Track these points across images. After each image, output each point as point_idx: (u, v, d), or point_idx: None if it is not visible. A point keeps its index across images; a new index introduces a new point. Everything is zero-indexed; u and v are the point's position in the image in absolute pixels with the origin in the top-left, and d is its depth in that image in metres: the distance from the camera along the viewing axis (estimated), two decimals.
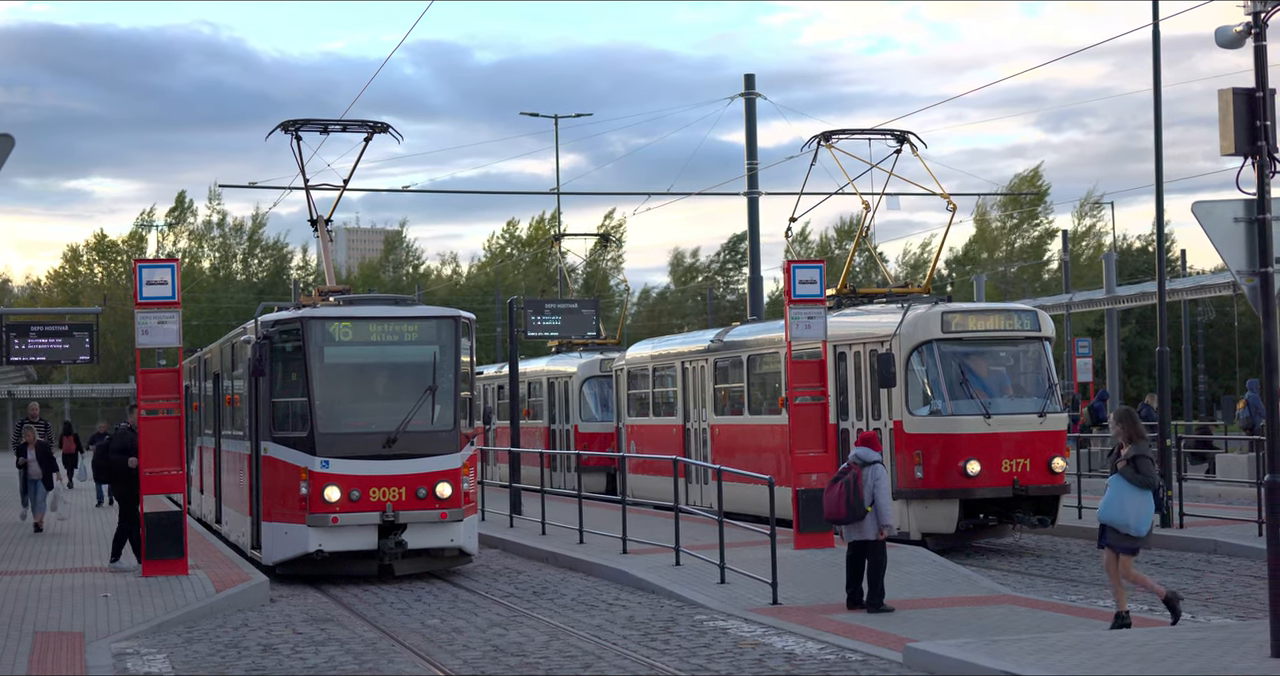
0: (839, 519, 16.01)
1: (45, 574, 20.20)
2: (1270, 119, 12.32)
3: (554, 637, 15.02)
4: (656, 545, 20.11)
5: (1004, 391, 21.83)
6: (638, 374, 31.10)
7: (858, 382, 22.27)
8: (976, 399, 21.09)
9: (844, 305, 24.38)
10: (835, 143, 25.45)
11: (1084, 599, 17.02)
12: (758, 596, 16.59)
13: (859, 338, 22.33)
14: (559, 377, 35.81)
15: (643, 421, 30.63)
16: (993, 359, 22.03)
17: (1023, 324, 22.05)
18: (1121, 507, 13.78)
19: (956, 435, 20.97)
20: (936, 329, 21.26)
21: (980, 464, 20.60)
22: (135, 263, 20.55)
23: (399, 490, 19.49)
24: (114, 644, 14.82)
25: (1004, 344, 22.17)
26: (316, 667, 13.58)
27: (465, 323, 20.79)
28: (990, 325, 21.97)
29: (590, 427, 33.94)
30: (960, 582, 17.63)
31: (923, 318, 21.38)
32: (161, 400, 19.78)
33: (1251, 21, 12.58)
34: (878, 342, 21.55)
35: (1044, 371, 22.09)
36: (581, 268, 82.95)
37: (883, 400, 21.49)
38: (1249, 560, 19.30)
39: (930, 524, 20.97)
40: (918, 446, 20.95)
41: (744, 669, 12.93)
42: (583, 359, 35.27)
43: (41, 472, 25.88)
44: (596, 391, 34.34)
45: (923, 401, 21.26)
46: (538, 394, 37.21)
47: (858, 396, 22.25)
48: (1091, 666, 11.77)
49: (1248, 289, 12.66)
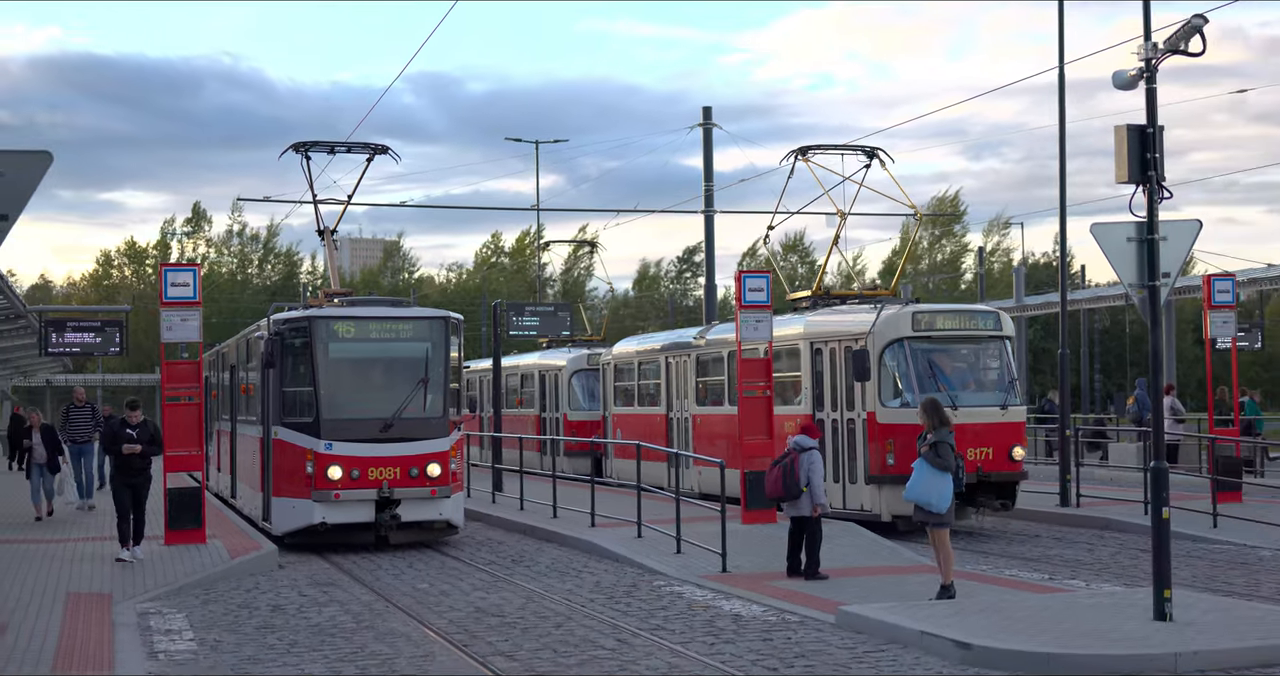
0: (778, 497, 16.08)
1: (77, 542, 20.08)
2: (1159, 152, 12.43)
3: (530, 600, 15.02)
4: (622, 520, 20.12)
5: (969, 385, 21.07)
6: (623, 368, 30.48)
7: (833, 376, 21.53)
8: (944, 392, 20.10)
9: (819, 306, 23.91)
10: (811, 157, 24.89)
11: (1003, 570, 17.07)
12: (709, 565, 16.61)
13: (834, 335, 21.66)
14: (549, 370, 35.30)
15: (628, 411, 29.90)
16: (958, 355, 21.37)
17: (985, 324, 21.43)
18: (925, 488, 13.88)
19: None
20: (907, 327, 20.58)
21: None
22: (161, 267, 20.48)
23: (394, 470, 19.50)
24: (138, 604, 14.78)
25: (968, 342, 21.43)
26: (319, 626, 13.55)
27: (454, 322, 20.80)
28: (956, 324, 21.34)
29: (578, 416, 33.42)
30: (887, 554, 17.68)
31: (895, 317, 20.74)
32: (184, 389, 19.74)
33: (1144, 67, 12.68)
34: (852, 340, 20.91)
35: (1005, 367, 21.46)
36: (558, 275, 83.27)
37: (857, 393, 20.76)
38: (1136, 535, 19.39)
39: (900, 507, 19.37)
40: (889, 436, 20.18)
41: (696, 628, 12.93)
42: (571, 354, 34.79)
43: (47, 456, 23.42)
44: (583, 383, 33.78)
45: (894, 394, 20.47)
46: (530, 385, 36.73)
47: (833, 389, 21.49)
48: (999, 626, 11.85)
49: (1138, 300, 12.77)
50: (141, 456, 17.30)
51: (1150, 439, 13.67)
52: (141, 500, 17.29)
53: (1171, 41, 12.63)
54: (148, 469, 17.55)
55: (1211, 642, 11.15)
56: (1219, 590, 14.95)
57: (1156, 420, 12.90)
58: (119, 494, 17.38)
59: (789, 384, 22.70)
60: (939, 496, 13.89)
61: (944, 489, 13.91)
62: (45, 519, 22.95)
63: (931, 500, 13.90)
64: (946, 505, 13.95)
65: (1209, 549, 18.84)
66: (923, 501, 13.95)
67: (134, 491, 17.18)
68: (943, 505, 13.91)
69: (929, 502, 13.91)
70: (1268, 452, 31.04)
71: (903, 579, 15.56)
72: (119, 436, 17.33)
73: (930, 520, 14.04)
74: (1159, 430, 12.87)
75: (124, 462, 17.34)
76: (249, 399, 23.16)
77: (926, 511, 13.99)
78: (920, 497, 13.97)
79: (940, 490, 13.90)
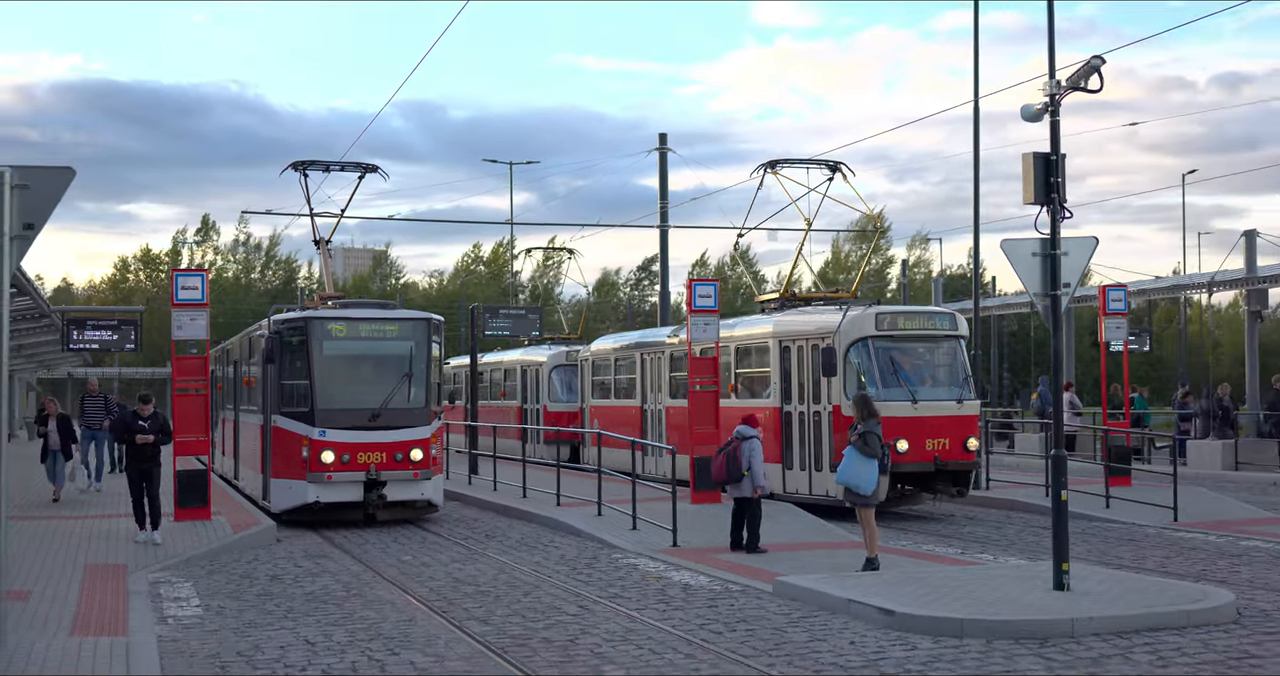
0: (722, 480, 16.12)
1: (94, 519, 19.92)
2: (1061, 177, 12.52)
3: (502, 571, 15.00)
4: (584, 500, 20.08)
5: (927, 381, 20.25)
6: (601, 363, 29.59)
7: (800, 372, 20.70)
8: (904, 387, 19.69)
9: (786, 307, 23.19)
10: (780, 170, 23.79)
11: (922, 546, 17.11)
12: (661, 540, 16.62)
13: (802, 334, 20.84)
14: (531, 366, 34.49)
15: (605, 403, 28.99)
16: (917, 353, 20.48)
17: (942, 324, 20.61)
18: (853, 473, 13.96)
19: (888, 417, 18.81)
20: (871, 327, 19.76)
21: (908, 442, 18.98)
22: (172, 272, 20.45)
23: (381, 454, 19.44)
24: (150, 574, 14.71)
25: (927, 341, 20.52)
26: (313, 594, 13.49)
27: (435, 323, 20.78)
28: (916, 325, 20.48)
29: (557, 407, 32.51)
30: (819, 531, 17.72)
31: (859, 317, 19.94)
32: (193, 381, 19.67)
33: (1048, 102, 12.78)
34: (819, 338, 20.19)
35: (960, 364, 20.59)
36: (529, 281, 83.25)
37: (823, 387, 19.98)
38: (1038, 515, 19.49)
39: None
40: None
41: (650, 596, 12.95)
42: (551, 350, 33.96)
43: (61, 443, 22.66)
44: (562, 377, 32.87)
45: (858, 388, 19.30)
46: (512, 379, 35.91)
47: (800, 384, 20.67)
48: (918, 595, 11.89)
49: (1042, 307, 12.86)
50: (153, 445, 16.95)
51: (1051, 430, 13.78)
52: (154, 485, 16.92)
53: (1073, 79, 12.74)
54: (158, 456, 17.16)
55: (1104, 609, 11.23)
56: (1111, 563, 15.07)
57: (1057, 414, 13.02)
58: (134, 482, 17.08)
59: (758, 379, 22.16)
60: (865, 480, 13.97)
61: (870, 473, 13.99)
62: (58, 501, 22.43)
63: (859, 483, 13.97)
64: (872, 488, 14.02)
65: (1102, 527, 19.01)
66: (851, 484, 14.02)
67: (145, 477, 16.89)
68: (869, 488, 13.97)
69: (857, 485, 13.98)
70: (1154, 442, 31.34)
71: (833, 553, 15.61)
72: (131, 427, 16.99)
73: (858, 501, 14.12)
74: (1059, 422, 13.00)
75: (136, 451, 17.03)
76: (251, 390, 23.04)
77: (855, 493, 14.06)
78: (849, 481, 14.04)
79: (867, 475, 13.97)
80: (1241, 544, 16.96)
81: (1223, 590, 12.39)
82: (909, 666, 9.66)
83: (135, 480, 16.99)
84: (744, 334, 22.51)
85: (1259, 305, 34.23)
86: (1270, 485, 26.54)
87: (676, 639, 10.77)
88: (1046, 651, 10.13)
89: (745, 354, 22.23)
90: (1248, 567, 14.79)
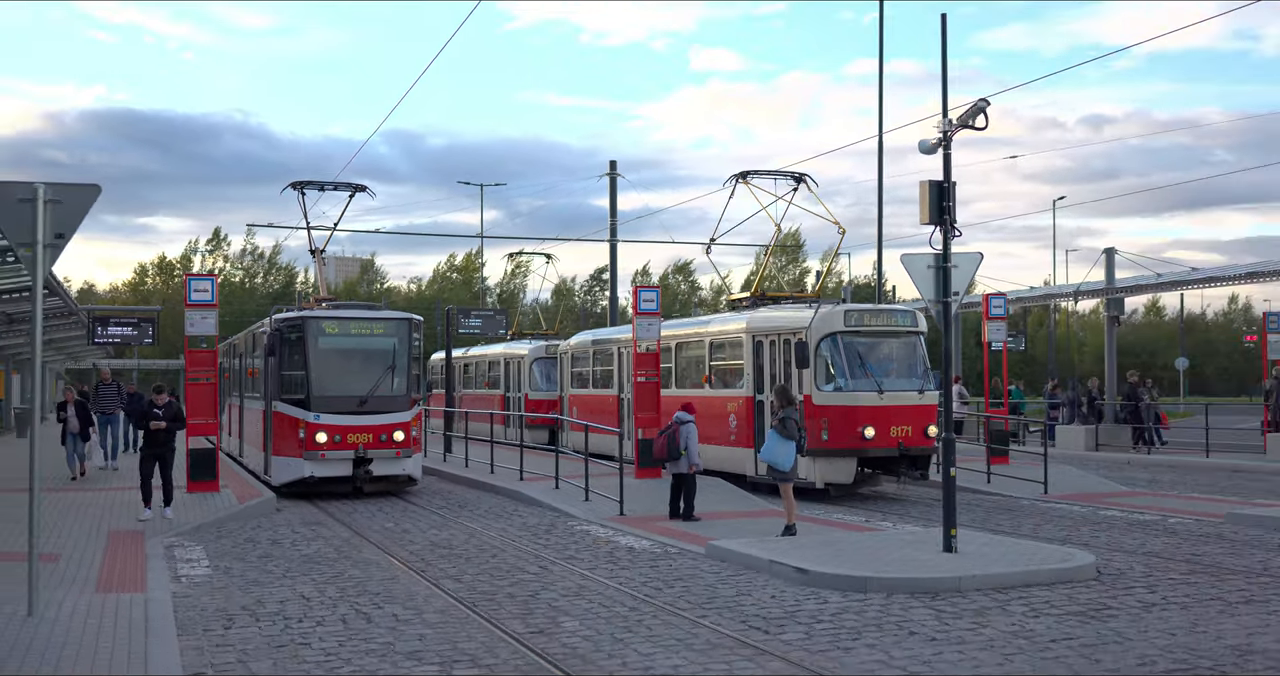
0: (663, 459, 16.14)
1: (115, 491, 19.65)
2: (952, 201, 12.61)
3: (472, 536, 14.95)
4: (544, 475, 20.03)
5: (891, 373, 18.95)
6: (580, 356, 27.95)
7: (772, 365, 19.54)
8: (871, 378, 18.52)
9: (758, 305, 21.91)
10: (750, 180, 22.68)
11: (832, 515, 17.09)
12: (610, 510, 16.62)
13: (775, 329, 19.60)
14: (514, 358, 33.50)
15: (583, 392, 27.43)
16: (882, 348, 19.15)
17: (904, 321, 19.38)
18: (775, 452, 14.03)
19: (856, 407, 18.33)
20: (840, 323, 18.64)
21: (875, 429, 18.10)
22: (186, 276, 20.23)
23: (368, 435, 19.32)
24: (165, 539, 14.54)
25: (891, 336, 19.22)
26: (309, 556, 13.39)
27: (415, 322, 20.67)
28: (881, 322, 19.17)
29: (537, 396, 31.47)
30: (746, 502, 17.76)
31: (830, 314, 18.83)
32: (203, 371, 19.44)
33: (942, 137, 12.88)
34: (791, 333, 19.05)
35: (920, 358, 19.35)
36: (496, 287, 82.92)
37: (794, 379, 18.81)
38: (931, 489, 19.66)
39: (832, 476, 18.47)
40: (824, 415, 18.32)
41: (600, 558, 12.95)
42: (532, 344, 32.95)
43: (79, 427, 21.77)
44: (542, 369, 31.74)
45: (827, 380, 18.55)
46: (496, 370, 34.91)
47: (772, 375, 19.47)
48: (828, 556, 11.95)
49: (935, 312, 12.96)
50: (166, 431, 16.43)
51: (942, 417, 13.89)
52: (168, 467, 16.38)
53: (963, 118, 12.85)
54: (171, 441, 16.63)
55: (985, 568, 11.34)
56: (991, 529, 15.20)
57: (946, 402, 13.14)
58: (145, 463, 16.39)
59: (731, 370, 20.98)
60: (784, 458, 14.04)
61: (789, 453, 14.06)
62: (79, 478, 21.74)
63: (779, 461, 14.04)
64: (790, 465, 14.08)
65: (984, 499, 19.19)
66: (773, 462, 14.08)
67: (160, 460, 16.29)
68: (787, 465, 14.04)
69: (777, 463, 14.04)
70: (1028, 427, 31.72)
71: (757, 521, 15.64)
72: (147, 414, 16.46)
73: (778, 477, 14.17)
74: (949, 410, 13.11)
75: (151, 436, 16.47)
76: (254, 380, 22.83)
77: (775, 470, 14.11)
78: (771, 459, 14.10)
79: (785, 454, 14.05)
80: (1101, 513, 17.17)
81: (1085, 552, 12.56)
82: (821, 616, 9.72)
83: (147, 461, 16.40)
84: (718, 330, 21.58)
85: (1116, 311, 34.68)
86: (1125, 463, 26.92)
87: (623, 594, 10.79)
88: (937, 604, 10.23)
89: (719, 348, 21.32)
90: (1106, 533, 14.98)
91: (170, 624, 9.25)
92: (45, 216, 9.66)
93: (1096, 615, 9.75)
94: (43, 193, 9.66)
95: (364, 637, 9.08)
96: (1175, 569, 12.07)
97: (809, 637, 8.97)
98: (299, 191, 23.36)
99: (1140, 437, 30.01)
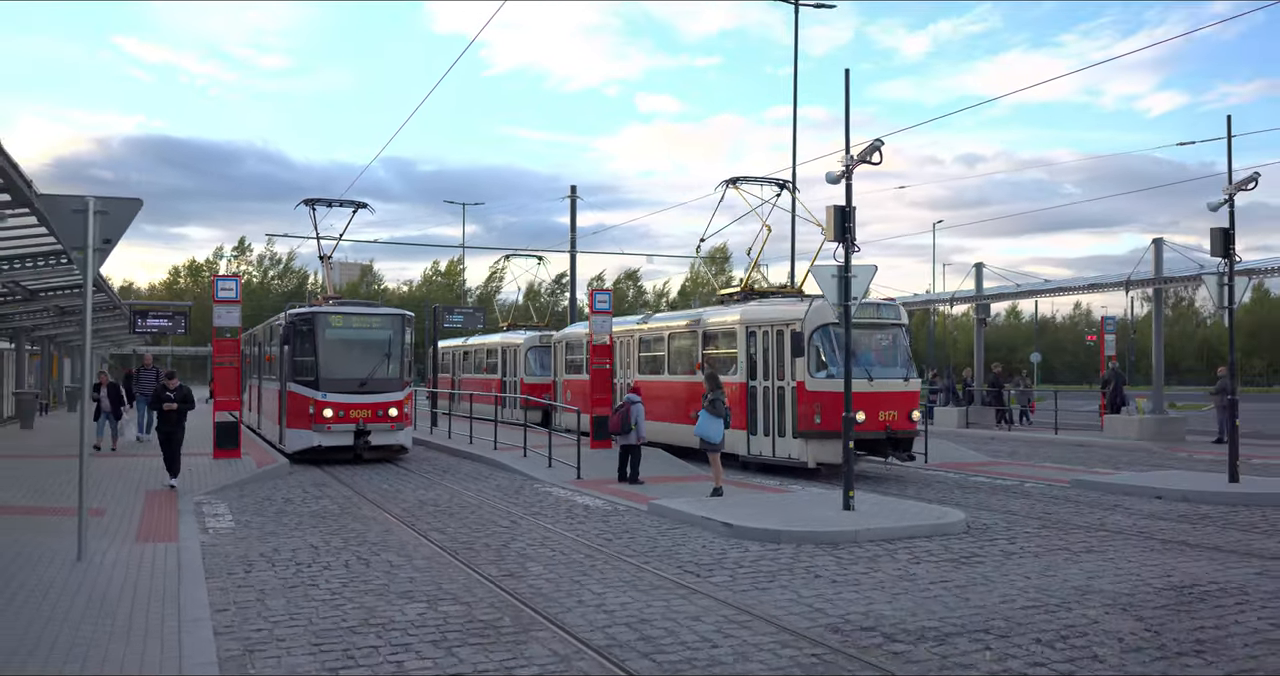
0: (617, 432, 16.13)
1: (149, 457, 19.25)
2: (853, 223, 12.69)
3: (454, 496, 14.85)
4: (514, 445, 19.98)
5: (878, 362, 17.30)
6: (573, 344, 25.74)
7: (765, 354, 17.72)
8: (861, 366, 16.69)
9: (749, 299, 19.93)
10: (740, 186, 20.65)
11: (752, 479, 17.04)
12: (569, 474, 16.57)
13: (769, 321, 17.74)
14: (510, 346, 31.45)
15: (576, 378, 24.85)
16: (870, 338, 17.50)
17: (890, 314, 17.71)
18: (707, 428, 14.12)
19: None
20: (832, 315, 16.68)
21: (865, 413, 16.24)
22: (213, 277, 19.84)
23: (367, 411, 19.14)
24: (195, 498, 14.32)
25: (878, 328, 17.56)
26: (316, 512, 13.23)
27: (408, 318, 20.50)
28: (869, 314, 17.35)
29: (532, 380, 29.94)
30: (682, 469, 17.76)
31: (822, 306, 16.97)
32: (228, 357, 19.16)
33: (845, 169, 12.97)
34: (785, 324, 17.31)
35: (904, 348, 17.69)
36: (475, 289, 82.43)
37: (786, 366, 17.20)
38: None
39: (824, 456, 16.81)
40: (817, 401, 16.64)
41: (561, 514, 12.91)
42: (527, 334, 30.97)
43: (111, 406, 20.82)
44: (536, 356, 30.37)
45: (819, 367, 16.84)
46: (494, 357, 33.21)
47: (765, 364, 17.71)
48: (750, 513, 12.00)
49: (838, 313, 13.00)
50: (177, 412, 15.38)
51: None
52: (176, 445, 15.34)
53: (862, 154, 12.94)
54: (182, 421, 15.60)
55: (878, 523, 11.44)
56: (882, 492, 15.32)
57: (847, 389, 13.20)
58: (164, 439, 15.42)
59: (724, 359, 19.08)
60: (715, 432, 14.12)
61: (719, 428, 14.14)
62: (104, 451, 20.38)
63: (711, 435, 14.11)
64: (720, 438, 14.17)
65: (877, 467, 19.28)
66: (706, 436, 14.15)
67: (170, 438, 15.27)
68: (717, 438, 14.13)
69: (710, 436, 14.12)
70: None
71: (691, 484, 15.66)
72: (160, 397, 15.50)
73: (709, 447, 14.22)
74: (849, 396, 13.16)
75: (164, 416, 15.49)
76: (271, 365, 22.53)
77: (708, 442, 14.16)
78: (704, 434, 14.15)
79: (716, 429, 14.13)
80: (970, 479, 17.39)
81: (957, 510, 12.72)
82: (743, 563, 9.77)
83: (165, 439, 15.49)
84: (713, 321, 19.66)
85: (984, 314, 35.07)
86: (990, 439, 27.27)
87: (580, 544, 10.77)
88: (838, 552, 10.32)
89: (712, 338, 19.55)
90: (974, 495, 15.17)
91: (199, 568, 9.11)
92: (94, 225, 9.48)
93: (967, 561, 9.87)
94: (93, 205, 9.49)
95: (363, 579, 9.00)
96: (1030, 524, 12.27)
97: (733, 580, 9.02)
98: (310, 207, 23.04)
99: (1001, 418, 30.42)
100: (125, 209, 9.72)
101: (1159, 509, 13.67)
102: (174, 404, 15.43)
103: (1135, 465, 19.82)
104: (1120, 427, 26.22)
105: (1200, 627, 7.39)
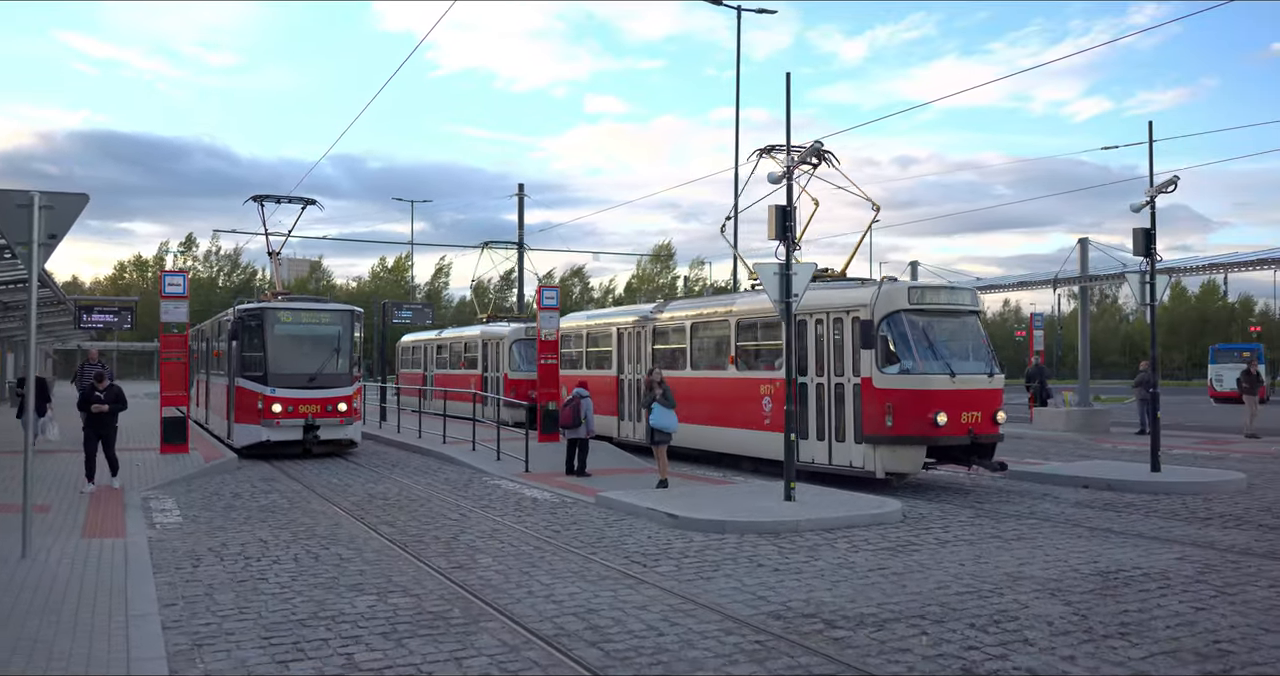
0: (568, 426, 16.10)
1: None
2: (793, 222, 12.78)
3: (403, 489, 14.71)
4: (463, 439, 19.85)
5: (955, 354, 14.43)
6: (569, 337, 22.87)
7: (818, 344, 15.04)
8: (941, 360, 14.17)
9: None
10: (774, 154, 16.01)
11: (697, 471, 17.04)
12: (518, 468, 16.51)
13: (824, 308, 14.96)
14: (492, 339, 28.54)
15: (571, 373, 21.89)
16: (946, 328, 14.69)
17: (966, 300, 14.99)
18: (662, 419, 14.27)
19: (928, 390, 13.89)
20: (904, 301, 14.32)
21: (947, 416, 13.79)
22: (161, 272, 19.50)
23: (316, 406, 18.90)
24: (142, 493, 14.00)
25: (954, 315, 14.78)
26: (265, 506, 13.04)
27: (356, 313, 20.27)
28: (945, 300, 14.73)
29: (516, 376, 27.23)
30: (628, 462, 17.74)
31: (893, 290, 14.47)
32: (175, 352, 18.78)
33: (786, 170, 13.07)
34: (845, 312, 14.65)
35: (983, 339, 14.98)
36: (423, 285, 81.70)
37: (847, 360, 14.59)
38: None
39: (896, 465, 14.17)
40: (887, 399, 14.00)
41: (509, 506, 12.87)
42: (512, 327, 28.12)
43: (35, 402, 19.00)
44: (521, 350, 27.01)
45: (887, 360, 14.16)
46: (473, 351, 29.92)
47: (818, 357, 15.01)
48: (694, 505, 12.05)
49: (779, 309, 13.11)
50: (110, 413, 14.24)
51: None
52: (110, 444, 14.19)
53: (802, 156, 13.06)
54: (114, 421, 14.33)
55: (818, 514, 11.53)
56: (822, 483, 15.28)
57: (789, 381, 13.30)
58: (89, 442, 14.09)
59: (764, 351, 16.77)
60: (670, 424, 14.28)
61: (673, 418, 14.33)
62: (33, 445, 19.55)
63: (668, 425, 14.30)
64: (675, 428, 14.37)
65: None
66: (659, 427, 14.29)
67: (103, 439, 14.18)
68: (673, 427, 14.34)
69: (665, 427, 14.29)
70: None
71: (637, 477, 15.66)
72: (89, 398, 14.30)
73: (662, 439, 14.32)
74: (790, 388, 13.27)
75: (95, 418, 14.17)
76: (219, 360, 22.13)
77: (661, 432, 14.27)
78: (663, 425, 14.32)
79: (670, 420, 14.31)
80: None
81: (894, 501, 12.83)
82: (688, 553, 9.80)
83: (90, 441, 14.13)
84: (750, 308, 16.93)
85: None
86: None
87: (528, 536, 10.74)
88: (780, 541, 10.40)
89: (748, 328, 16.98)
90: (910, 486, 15.32)
91: (147, 563, 8.92)
92: (40, 220, 9.23)
93: (904, 550, 9.99)
94: (38, 200, 9.23)
95: (313, 573, 8.89)
96: (964, 513, 12.48)
97: (679, 569, 9.05)
98: (259, 203, 22.65)
99: None
100: (71, 204, 9.47)
101: (1086, 497, 13.98)
102: (104, 406, 14.17)
103: (1063, 456, 20.22)
104: (1048, 420, 26.76)
105: (1125, 611, 7.57)
